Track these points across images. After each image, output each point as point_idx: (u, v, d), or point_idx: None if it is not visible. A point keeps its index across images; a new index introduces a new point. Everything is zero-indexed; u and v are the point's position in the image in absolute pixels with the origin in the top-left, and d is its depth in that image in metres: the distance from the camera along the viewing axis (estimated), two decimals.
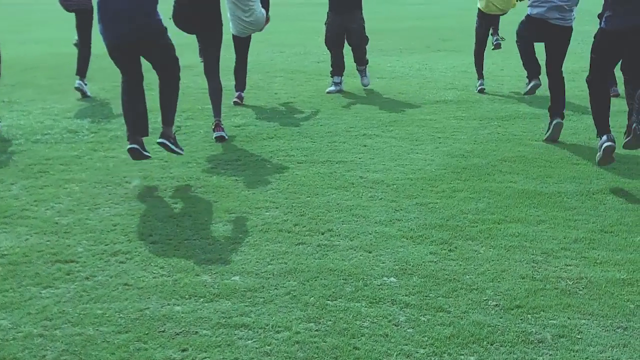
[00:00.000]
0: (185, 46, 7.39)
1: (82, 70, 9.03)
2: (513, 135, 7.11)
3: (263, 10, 8.50)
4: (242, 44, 8.63)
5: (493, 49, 9.79)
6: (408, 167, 6.11)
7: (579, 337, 3.43)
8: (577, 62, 10.03)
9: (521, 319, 3.58)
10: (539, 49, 7.11)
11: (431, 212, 5.05)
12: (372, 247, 4.44)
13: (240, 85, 8.71)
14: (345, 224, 4.84)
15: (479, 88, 9.18)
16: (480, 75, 9.30)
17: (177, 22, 6.96)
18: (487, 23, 9.31)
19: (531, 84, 7.28)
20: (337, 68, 9.22)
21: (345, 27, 9.03)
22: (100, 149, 6.71)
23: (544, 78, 7.22)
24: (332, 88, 9.18)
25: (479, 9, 9.28)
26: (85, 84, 8.99)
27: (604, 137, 5.75)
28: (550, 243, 4.49)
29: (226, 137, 6.99)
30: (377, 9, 20.84)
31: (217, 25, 6.94)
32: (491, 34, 9.61)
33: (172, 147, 5.91)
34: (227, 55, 8.63)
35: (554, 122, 6.90)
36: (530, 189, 5.52)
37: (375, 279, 4.02)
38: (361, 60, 9.28)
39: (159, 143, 5.91)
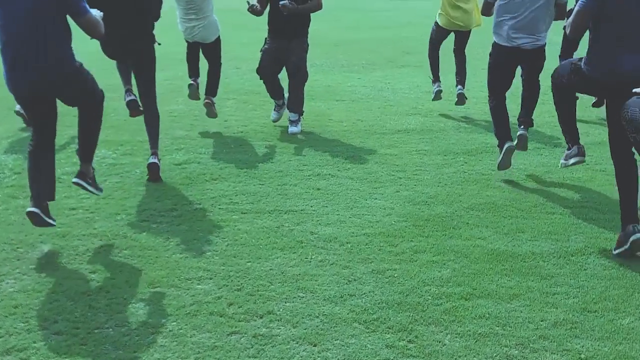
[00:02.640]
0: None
1: None
2: (481, 174, 6.48)
3: (216, 19, 7.83)
4: (199, 50, 8.01)
5: (456, 104, 8.85)
6: (365, 218, 5.44)
7: None
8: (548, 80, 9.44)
9: None
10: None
11: (389, 283, 4.38)
12: (317, 337, 3.76)
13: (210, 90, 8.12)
14: (289, 301, 4.15)
15: (435, 92, 8.75)
16: (437, 78, 8.84)
17: (104, 49, 6.22)
18: (443, 36, 8.76)
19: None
20: (276, 93, 8.15)
21: (284, 56, 7.83)
22: (20, 195, 5.92)
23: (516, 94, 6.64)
24: (275, 115, 8.19)
25: (436, 22, 8.71)
26: None
27: (574, 149, 5.40)
28: (526, 328, 3.85)
29: (158, 164, 6.33)
30: (340, 16, 20.18)
31: (148, 45, 6.29)
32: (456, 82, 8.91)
33: (89, 187, 5.31)
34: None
35: (519, 133, 6.57)
36: (501, 248, 4.88)
37: None
38: (296, 106, 7.87)
39: (74, 183, 5.30)
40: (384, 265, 4.62)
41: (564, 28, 6.10)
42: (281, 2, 7.43)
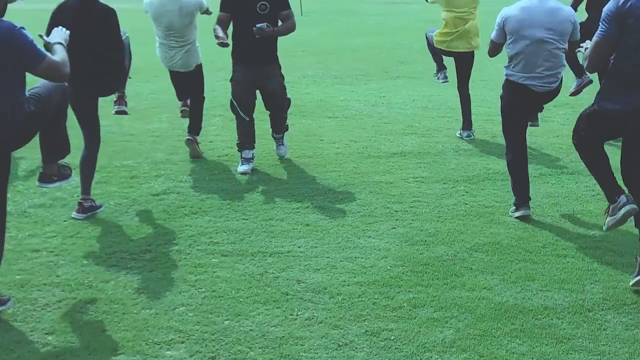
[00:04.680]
0: None
1: None
2: (483, 206, 5.97)
3: (199, 51, 7.28)
4: (179, 78, 7.48)
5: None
6: (358, 262, 4.93)
7: None
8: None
9: None
10: None
11: (385, 348, 3.87)
12: None
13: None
14: None
15: (442, 80, 8.49)
16: (441, 67, 8.43)
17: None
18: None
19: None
20: (247, 139, 6.98)
21: (258, 85, 6.90)
22: None
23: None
24: (245, 167, 6.86)
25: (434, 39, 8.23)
26: None
27: (622, 198, 4.48)
28: None
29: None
30: (333, 21, 19.71)
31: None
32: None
33: (56, 185, 5.03)
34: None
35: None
36: (509, 302, 4.37)
37: None
38: (280, 128, 7.26)
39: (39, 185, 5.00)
40: (379, 324, 4.10)
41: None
42: (257, 25, 6.61)
